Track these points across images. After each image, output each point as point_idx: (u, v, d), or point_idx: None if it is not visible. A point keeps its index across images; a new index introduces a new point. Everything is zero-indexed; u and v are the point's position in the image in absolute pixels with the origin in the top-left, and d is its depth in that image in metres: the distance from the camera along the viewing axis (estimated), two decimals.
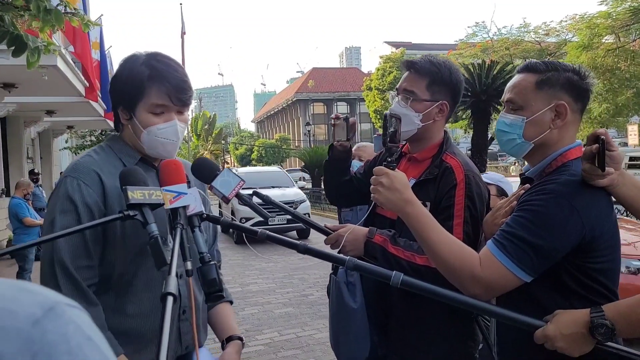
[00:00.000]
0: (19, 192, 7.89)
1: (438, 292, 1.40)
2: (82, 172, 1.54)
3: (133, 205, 1.29)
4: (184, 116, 1.62)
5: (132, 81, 1.55)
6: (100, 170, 1.55)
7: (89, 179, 1.53)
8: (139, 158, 1.62)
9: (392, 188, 1.54)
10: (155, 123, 1.55)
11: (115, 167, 1.57)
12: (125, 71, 1.58)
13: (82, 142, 18.07)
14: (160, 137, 1.56)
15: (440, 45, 53.32)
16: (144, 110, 1.55)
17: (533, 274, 1.40)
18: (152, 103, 1.54)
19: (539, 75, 1.53)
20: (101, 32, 11.43)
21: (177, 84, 1.55)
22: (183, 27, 32.43)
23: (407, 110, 1.86)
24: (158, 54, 1.62)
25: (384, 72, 41.32)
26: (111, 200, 1.53)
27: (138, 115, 1.57)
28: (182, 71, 1.59)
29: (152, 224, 1.28)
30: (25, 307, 0.44)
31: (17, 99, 9.80)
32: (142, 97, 1.54)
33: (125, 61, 1.61)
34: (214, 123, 54.50)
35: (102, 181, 1.54)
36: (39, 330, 0.43)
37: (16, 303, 0.44)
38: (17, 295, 0.45)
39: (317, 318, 6.17)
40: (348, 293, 1.96)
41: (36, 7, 2.93)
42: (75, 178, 1.53)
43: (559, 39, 23.75)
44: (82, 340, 0.45)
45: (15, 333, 0.42)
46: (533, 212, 1.41)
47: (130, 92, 1.56)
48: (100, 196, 1.53)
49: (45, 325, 0.44)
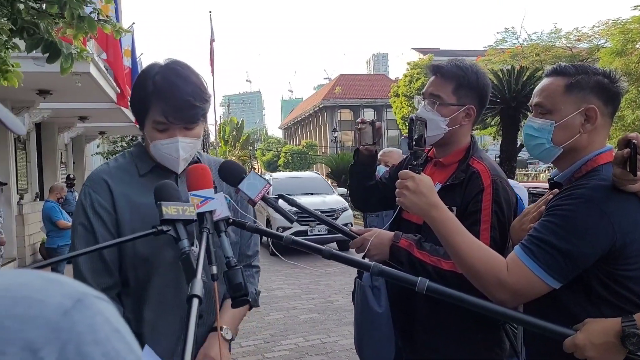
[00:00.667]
0: (53, 196, 8.08)
1: (464, 298, 1.38)
2: (93, 180, 1.63)
3: (166, 220, 1.31)
4: (193, 131, 1.60)
5: (139, 96, 1.59)
6: (109, 178, 1.61)
7: (98, 187, 1.60)
8: (153, 165, 1.65)
9: (417, 192, 1.54)
10: (158, 138, 1.58)
11: (129, 173, 1.64)
12: (137, 84, 1.61)
13: (114, 148, 18.45)
14: (163, 151, 1.59)
15: (468, 52, 52.79)
16: (149, 125, 1.59)
17: (562, 280, 1.37)
18: (154, 120, 1.57)
19: (569, 79, 1.50)
20: (133, 39, 11.68)
21: (175, 104, 1.53)
22: (212, 35, 32.89)
23: (433, 115, 1.85)
24: (171, 67, 1.59)
25: (411, 78, 41.06)
26: (120, 204, 1.58)
27: (145, 129, 1.61)
28: (187, 89, 1.55)
29: (184, 239, 1.30)
30: (54, 297, 0.45)
31: (51, 105, 10.09)
32: (147, 113, 1.58)
33: (142, 72, 1.64)
34: (241, 129, 55.02)
35: (110, 188, 1.59)
36: (68, 321, 0.44)
37: (45, 293, 0.45)
38: (46, 286, 0.46)
39: (342, 324, 6.15)
40: (373, 297, 1.95)
41: (70, 14, 3.02)
42: (88, 186, 1.62)
43: (591, 44, 23.28)
44: (109, 332, 0.46)
45: (45, 322, 0.43)
46: (562, 217, 1.38)
47: (139, 106, 1.60)
48: (109, 202, 1.58)
49: (74, 315, 0.45)
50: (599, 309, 1.38)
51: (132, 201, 1.59)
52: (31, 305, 0.44)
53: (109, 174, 1.63)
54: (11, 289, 0.45)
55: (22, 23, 3.25)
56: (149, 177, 1.62)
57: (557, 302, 1.42)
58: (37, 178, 12.34)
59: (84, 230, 1.57)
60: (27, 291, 0.45)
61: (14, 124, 0.63)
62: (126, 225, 1.57)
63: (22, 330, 0.42)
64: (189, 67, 1.63)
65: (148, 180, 1.60)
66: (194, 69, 1.64)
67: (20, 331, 0.42)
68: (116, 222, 1.58)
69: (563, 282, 1.37)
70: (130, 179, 1.63)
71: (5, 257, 8.14)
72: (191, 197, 1.41)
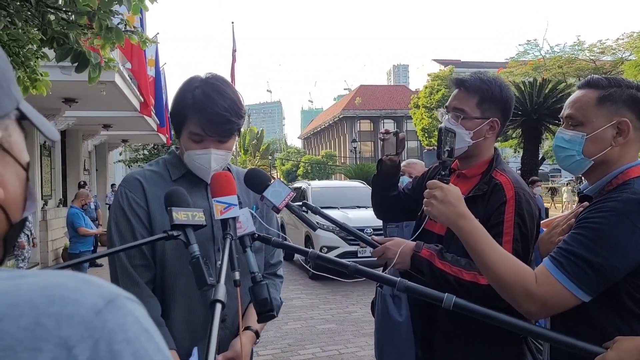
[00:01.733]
0: (78, 202, 8.22)
1: (492, 315, 1.37)
2: (127, 181, 1.72)
3: (177, 225, 1.34)
4: (226, 144, 1.68)
5: (179, 107, 1.67)
6: (143, 179, 1.69)
7: (132, 186, 1.68)
8: (184, 171, 1.72)
9: (445, 201, 1.53)
10: (193, 148, 1.66)
11: (162, 176, 1.71)
12: (178, 95, 1.69)
13: (135, 155, 18.70)
14: (196, 161, 1.67)
15: (489, 64, 52.48)
16: (185, 135, 1.67)
17: (591, 293, 1.34)
18: (190, 131, 1.65)
19: (601, 91, 1.49)
20: (157, 49, 11.88)
21: (212, 118, 1.60)
22: (234, 45, 33.22)
23: (457, 128, 1.84)
24: (211, 81, 1.67)
25: (431, 89, 40.96)
26: (153, 204, 1.65)
27: (182, 138, 1.69)
28: (224, 104, 1.61)
29: (194, 244, 1.33)
30: (88, 297, 0.47)
31: (76, 113, 10.28)
32: (185, 124, 1.65)
33: (183, 84, 1.71)
34: (261, 139, 55.34)
35: (144, 187, 1.67)
36: (101, 320, 0.46)
37: (80, 293, 0.47)
38: (80, 286, 0.48)
39: (360, 335, 6.11)
40: (394, 306, 1.95)
41: (98, 25, 3.08)
42: (123, 187, 1.70)
43: (615, 57, 23.02)
44: (139, 332, 0.48)
45: (79, 320, 0.45)
46: (593, 230, 1.36)
47: (178, 117, 1.68)
48: (143, 200, 1.66)
49: (106, 315, 0.46)
50: (628, 323, 1.35)
51: (163, 203, 1.62)
52: (66, 304, 0.46)
53: (143, 176, 1.71)
54: (48, 288, 0.46)
55: (52, 33, 3.33)
56: (180, 183, 1.68)
57: (586, 316, 1.40)
58: (61, 184, 12.56)
59: (121, 226, 1.64)
60: (63, 291, 0.47)
61: (49, 130, 0.66)
62: (157, 225, 1.62)
63: (57, 328, 0.44)
64: (228, 83, 1.71)
65: (179, 185, 1.65)
66: (231, 85, 1.72)
67: (56, 329, 0.43)
68: (149, 219, 1.64)
69: (592, 296, 1.35)
70: (163, 183, 1.68)
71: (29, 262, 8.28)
72: (215, 203, 1.44)
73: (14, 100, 0.59)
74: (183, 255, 1.56)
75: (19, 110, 0.61)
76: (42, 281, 0.47)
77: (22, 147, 0.62)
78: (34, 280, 0.48)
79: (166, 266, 1.63)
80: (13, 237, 0.62)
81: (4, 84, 0.58)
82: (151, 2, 3.23)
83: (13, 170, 0.60)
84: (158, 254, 1.63)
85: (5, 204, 0.58)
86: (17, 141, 0.61)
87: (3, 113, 0.57)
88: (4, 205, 0.58)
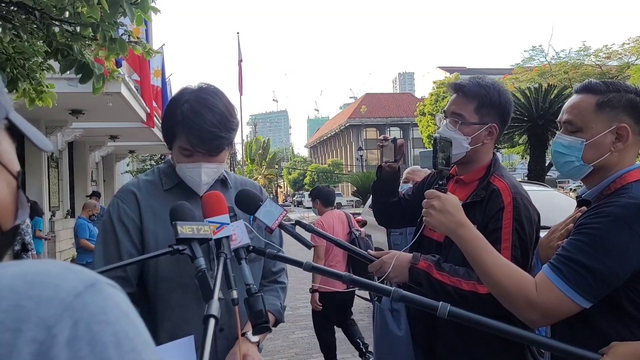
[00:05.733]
0: (85, 213, 8.24)
1: (487, 323, 1.36)
2: (122, 192, 1.71)
3: (182, 239, 1.34)
4: (217, 157, 1.65)
5: (168, 122, 1.66)
6: (137, 190, 1.68)
7: (126, 197, 1.67)
8: (177, 182, 1.71)
9: (444, 211, 1.53)
10: (183, 162, 1.65)
11: (156, 187, 1.71)
12: (168, 110, 1.68)
13: (143, 166, 18.78)
14: (187, 174, 1.66)
15: (495, 70, 52.44)
16: (176, 148, 1.66)
17: (592, 299, 1.33)
18: (179, 146, 1.64)
19: (600, 97, 1.47)
20: (163, 60, 11.96)
21: (200, 135, 1.57)
22: (240, 55, 33.48)
23: (455, 134, 1.83)
24: (201, 95, 1.62)
25: (437, 97, 40.97)
26: (146, 215, 1.64)
27: (173, 151, 1.69)
28: (213, 120, 1.57)
29: (200, 258, 1.34)
30: (68, 281, 0.48)
31: (83, 124, 10.38)
32: (175, 138, 1.65)
33: (173, 99, 1.69)
34: (267, 148, 55.55)
35: (138, 199, 1.66)
36: (80, 302, 0.47)
37: (60, 278, 0.49)
38: (61, 272, 0.50)
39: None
40: (393, 320, 1.94)
41: (102, 36, 3.11)
42: (117, 197, 1.69)
43: (621, 62, 22.93)
44: (119, 315, 0.49)
45: (58, 301, 0.46)
46: (591, 236, 1.35)
47: (167, 131, 1.67)
48: (136, 212, 1.65)
49: (86, 298, 0.48)
50: (630, 329, 1.34)
51: (156, 213, 1.65)
52: (46, 288, 0.47)
53: (137, 186, 1.70)
54: (29, 274, 0.48)
55: (57, 45, 3.37)
56: (173, 192, 1.69)
57: (587, 322, 1.39)
58: (68, 195, 12.64)
59: (108, 237, 1.63)
60: (43, 276, 0.48)
61: (40, 140, 0.67)
62: (150, 234, 1.62)
63: (36, 309, 0.45)
64: (218, 94, 1.65)
65: (172, 194, 1.68)
66: (224, 95, 1.67)
67: (35, 310, 0.45)
68: (141, 232, 1.63)
69: (593, 302, 1.34)
70: (156, 192, 1.69)
71: None
72: (207, 224, 1.45)
73: (2, 110, 0.60)
74: (177, 265, 1.57)
75: (8, 120, 0.62)
76: (24, 269, 0.49)
77: (12, 155, 0.63)
78: (16, 268, 0.49)
79: (159, 275, 1.61)
80: (5, 245, 0.63)
81: None
82: (154, 13, 3.26)
83: (3, 178, 0.61)
84: (152, 264, 1.60)
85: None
86: (7, 150, 0.62)
87: None
88: None
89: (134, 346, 0.48)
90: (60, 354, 0.44)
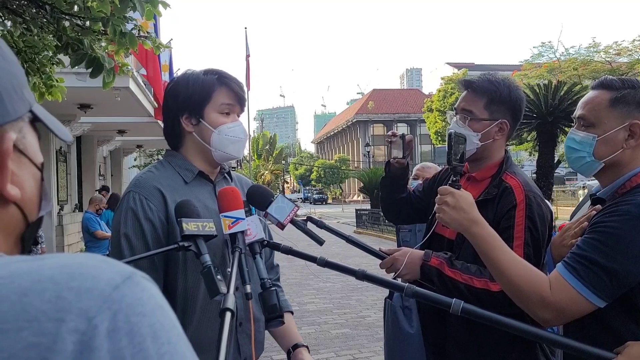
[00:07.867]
0: (92, 207, 8.28)
1: (500, 320, 1.35)
2: (143, 187, 1.59)
3: (187, 236, 1.34)
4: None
5: (202, 86, 1.66)
6: (160, 185, 1.60)
7: (150, 194, 1.58)
8: (197, 172, 1.68)
9: (457, 207, 1.52)
10: (224, 122, 1.66)
11: (175, 181, 1.64)
12: (190, 81, 1.67)
13: (150, 161, 18.84)
14: (230, 135, 1.66)
15: (503, 66, 52.13)
16: (213, 111, 1.66)
17: (607, 299, 1.32)
18: (222, 103, 1.66)
19: (614, 93, 1.46)
20: (170, 55, 11.97)
21: (239, 86, 1.70)
22: (247, 50, 33.45)
23: (465, 130, 1.82)
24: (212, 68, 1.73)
25: (445, 93, 40.83)
26: (172, 212, 1.54)
27: (207, 117, 1.66)
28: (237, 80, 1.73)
29: (205, 254, 1.33)
30: (106, 274, 0.50)
31: (91, 119, 10.40)
32: (211, 99, 1.65)
33: (184, 74, 1.71)
34: (274, 143, 55.59)
35: (164, 195, 1.58)
36: (119, 294, 0.48)
37: (98, 270, 0.50)
38: (99, 265, 0.51)
39: (374, 340, 6.07)
40: (404, 318, 1.93)
41: (112, 31, 3.12)
42: (137, 193, 1.58)
43: (631, 58, 22.70)
44: (155, 307, 0.50)
45: (98, 293, 0.48)
46: (606, 234, 1.34)
47: (200, 96, 1.65)
48: (163, 211, 1.57)
49: (124, 290, 0.49)
50: None
51: None
52: (86, 279, 0.48)
53: (158, 181, 1.62)
54: (68, 266, 0.50)
55: (67, 39, 3.37)
56: (193, 185, 1.66)
57: (602, 321, 1.37)
58: (76, 190, 12.70)
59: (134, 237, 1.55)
60: (82, 268, 0.50)
61: (61, 131, 0.68)
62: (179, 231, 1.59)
63: (78, 300, 0.46)
64: None
65: (193, 188, 1.65)
66: None
67: (77, 301, 0.46)
68: (168, 231, 1.57)
69: (608, 301, 1.33)
70: (178, 187, 1.63)
71: None
72: (222, 218, 1.44)
73: (27, 103, 0.61)
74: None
75: (32, 113, 0.63)
76: (62, 260, 0.51)
77: (36, 148, 0.64)
78: (54, 260, 0.51)
79: (188, 273, 1.59)
80: (30, 236, 0.64)
81: (17, 88, 0.59)
82: (164, 8, 3.25)
83: (28, 170, 0.62)
84: (180, 261, 1.57)
85: (22, 204, 0.60)
86: (32, 142, 0.63)
87: (17, 116, 0.59)
88: (21, 205, 0.60)
89: (169, 338, 0.49)
90: (101, 345, 0.45)
